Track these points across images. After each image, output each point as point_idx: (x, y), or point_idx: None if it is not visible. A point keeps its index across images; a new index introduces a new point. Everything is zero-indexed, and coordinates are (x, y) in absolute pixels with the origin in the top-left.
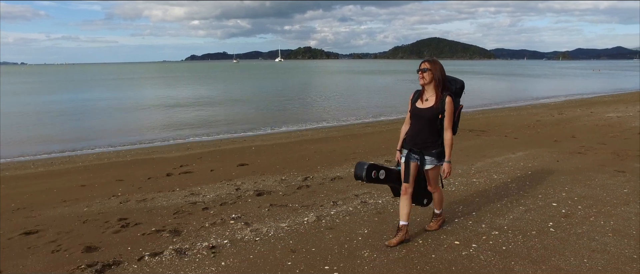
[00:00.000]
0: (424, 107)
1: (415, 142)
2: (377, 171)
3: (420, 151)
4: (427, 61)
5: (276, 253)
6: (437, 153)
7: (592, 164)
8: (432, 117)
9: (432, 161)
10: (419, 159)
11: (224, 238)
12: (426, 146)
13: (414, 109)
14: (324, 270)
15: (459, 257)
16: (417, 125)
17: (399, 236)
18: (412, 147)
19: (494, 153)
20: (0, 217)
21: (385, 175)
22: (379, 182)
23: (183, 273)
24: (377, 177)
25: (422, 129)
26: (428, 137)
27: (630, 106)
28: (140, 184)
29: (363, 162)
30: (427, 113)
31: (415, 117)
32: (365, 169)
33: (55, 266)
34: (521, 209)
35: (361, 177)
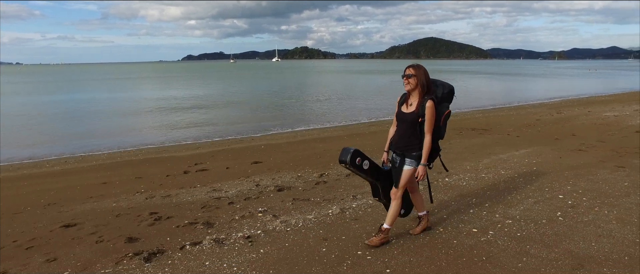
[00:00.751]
0: (407, 112)
1: (398, 145)
2: (362, 159)
3: (402, 153)
4: (411, 67)
5: (309, 241)
6: (417, 156)
7: (593, 160)
8: (413, 121)
9: (411, 163)
10: (399, 160)
11: (256, 229)
12: (407, 149)
13: (398, 112)
14: (358, 255)
15: (479, 242)
16: (400, 128)
17: (379, 237)
18: (395, 150)
19: (499, 151)
20: (34, 212)
21: (369, 166)
22: (361, 171)
23: (226, 259)
24: (361, 166)
25: (405, 133)
26: (410, 140)
27: (626, 105)
28: (160, 181)
29: (349, 147)
30: (408, 117)
31: (399, 120)
32: (350, 154)
33: (103, 255)
34: (530, 201)
35: (345, 161)
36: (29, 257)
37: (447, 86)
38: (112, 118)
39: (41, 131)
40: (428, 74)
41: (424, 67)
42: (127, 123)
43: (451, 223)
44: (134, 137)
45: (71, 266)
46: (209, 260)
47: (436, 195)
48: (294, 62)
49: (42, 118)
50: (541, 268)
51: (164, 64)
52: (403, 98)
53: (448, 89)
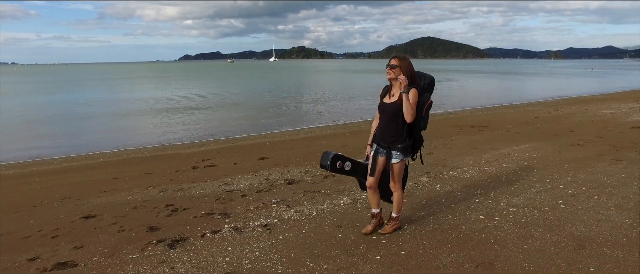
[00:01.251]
0: (388, 102)
1: (382, 137)
2: (342, 162)
3: (387, 146)
4: (396, 57)
5: (325, 228)
6: (403, 147)
7: (592, 154)
8: (395, 111)
9: (397, 155)
10: (386, 154)
11: (272, 218)
12: (392, 141)
13: (380, 104)
14: (373, 239)
15: (486, 227)
16: (383, 120)
17: (373, 223)
18: (380, 142)
19: (500, 146)
20: (52, 205)
21: (351, 167)
22: (345, 173)
23: (247, 245)
24: (342, 168)
25: (388, 124)
26: (393, 131)
27: (622, 103)
28: (170, 176)
29: (329, 152)
30: (390, 107)
31: (382, 112)
32: (330, 159)
33: (127, 242)
34: (533, 191)
35: (325, 166)
36: (56, 244)
37: (428, 76)
38: (114, 118)
39: (44, 130)
40: (412, 67)
41: (409, 60)
42: (128, 123)
43: (459, 211)
44: (136, 137)
45: (98, 252)
46: (231, 246)
47: (442, 187)
48: (292, 62)
49: (43, 118)
50: (545, 249)
51: (161, 64)
52: (385, 90)
53: (429, 79)
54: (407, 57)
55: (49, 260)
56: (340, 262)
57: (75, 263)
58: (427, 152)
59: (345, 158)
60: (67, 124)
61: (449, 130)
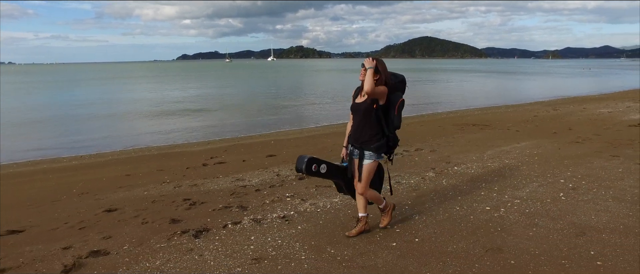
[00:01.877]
0: (360, 102)
1: (356, 138)
2: (318, 165)
3: (360, 146)
4: (370, 58)
5: (340, 218)
6: (376, 148)
7: (590, 151)
8: (367, 109)
9: (370, 156)
10: (359, 155)
11: (288, 210)
12: (366, 141)
13: (353, 104)
14: (387, 229)
15: (493, 217)
16: (356, 120)
17: (358, 227)
18: (353, 143)
19: (501, 143)
20: (71, 200)
21: (327, 169)
22: (321, 176)
23: (269, 235)
24: (318, 171)
25: (360, 124)
26: (365, 131)
27: (619, 102)
28: (182, 172)
29: (304, 155)
30: (361, 106)
31: (354, 112)
32: (305, 162)
33: (153, 233)
34: (535, 185)
35: (301, 170)
36: (85, 235)
37: (399, 75)
38: (116, 117)
39: (48, 129)
40: (386, 67)
41: (384, 62)
42: (131, 122)
43: (466, 203)
44: (141, 136)
45: (127, 242)
46: (253, 235)
47: (448, 181)
48: (290, 62)
49: (46, 117)
50: (549, 235)
51: (159, 64)
52: (357, 91)
53: (399, 78)
54: (381, 59)
55: (82, 249)
56: (359, 248)
57: (107, 252)
58: (431, 149)
59: (321, 161)
60: (69, 124)
61: (450, 128)
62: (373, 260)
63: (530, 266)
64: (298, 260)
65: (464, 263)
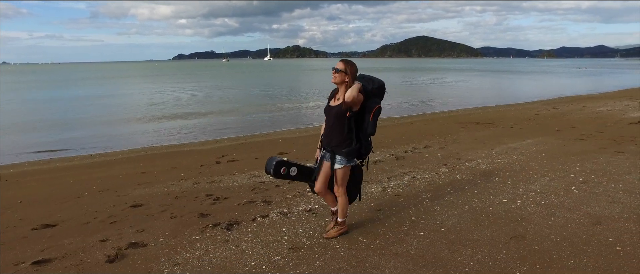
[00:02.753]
0: (333, 105)
1: (328, 141)
2: (287, 168)
3: (332, 150)
4: (341, 61)
5: (365, 212)
6: (347, 152)
7: (595, 147)
8: (339, 114)
9: (341, 161)
10: (330, 158)
11: (312, 204)
12: (337, 145)
13: (325, 106)
14: (412, 220)
15: (510, 209)
16: (328, 123)
17: (334, 220)
18: (325, 146)
19: (507, 140)
20: (93, 196)
21: (297, 172)
22: (291, 178)
23: (299, 226)
24: (288, 174)
25: (333, 127)
26: (338, 134)
27: (617, 101)
28: (197, 170)
29: (273, 157)
30: (334, 110)
31: (326, 114)
32: (273, 165)
33: (184, 227)
34: (546, 179)
35: (269, 172)
36: (118, 229)
37: (377, 81)
38: (118, 117)
39: (50, 128)
40: (357, 72)
41: (355, 65)
42: (134, 122)
43: (483, 196)
44: (144, 136)
45: (161, 234)
46: (285, 227)
47: (462, 176)
48: (287, 61)
49: (47, 116)
50: (567, 224)
51: (155, 63)
52: (332, 94)
53: (378, 84)
54: (353, 62)
55: (119, 241)
56: (389, 237)
57: (144, 243)
58: (440, 146)
59: (291, 163)
60: (71, 123)
61: (454, 127)
62: (405, 248)
63: (554, 251)
64: (333, 249)
65: (492, 249)
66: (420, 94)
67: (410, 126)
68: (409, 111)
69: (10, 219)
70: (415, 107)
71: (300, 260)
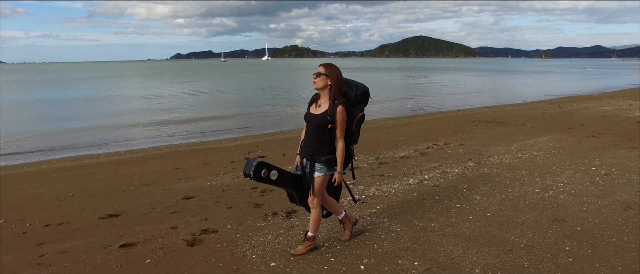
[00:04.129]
0: (314, 113)
1: (307, 149)
2: (268, 171)
3: (311, 158)
4: (323, 65)
5: (410, 200)
6: (327, 160)
7: (608, 144)
8: (320, 124)
9: (321, 169)
10: (309, 166)
11: (358, 195)
12: (316, 152)
13: (307, 113)
14: (457, 207)
15: (544, 197)
16: (309, 130)
17: (304, 244)
18: (304, 153)
19: (522, 137)
20: (139, 190)
21: (277, 176)
22: (271, 183)
23: (355, 213)
24: (268, 177)
25: (312, 135)
26: (318, 144)
27: (619, 100)
28: (229, 166)
29: (253, 159)
30: (315, 119)
31: (307, 121)
32: (253, 167)
33: (245, 216)
34: (570, 171)
35: (249, 175)
36: (182, 218)
37: (361, 86)
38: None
39: (64, 126)
40: (340, 76)
41: (337, 69)
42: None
43: (515, 186)
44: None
45: (226, 222)
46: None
47: (490, 169)
48: (285, 61)
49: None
50: (601, 210)
51: (153, 63)
52: (313, 98)
53: (361, 90)
54: (335, 65)
55: (190, 228)
56: (442, 221)
57: (214, 230)
58: (459, 143)
59: (271, 166)
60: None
61: (467, 125)
62: (460, 229)
63: (595, 231)
64: (395, 231)
65: (538, 230)
66: (424, 94)
67: (423, 125)
68: (417, 110)
69: (73, 209)
70: (423, 106)
71: (369, 241)
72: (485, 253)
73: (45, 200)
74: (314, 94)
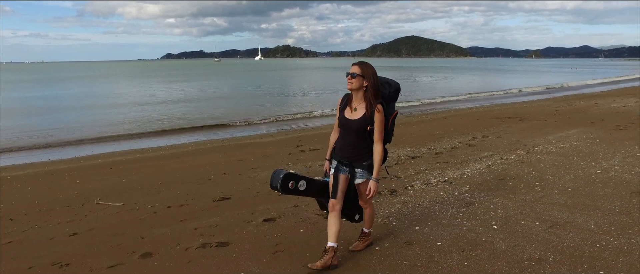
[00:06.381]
0: (352, 118)
1: (344, 154)
2: (296, 182)
3: (350, 163)
4: (358, 65)
5: (491, 180)
6: (368, 165)
7: (638, 134)
8: (360, 129)
9: (363, 174)
10: (349, 172)
11: (441, 177)
12: (356, 158)
13: (341, 118)
14: (536, 184)
15: (610, 176)
16: (345, 136)
17: (324, 259)
18: (341, 159)
19: (553, 131)
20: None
21: (306, 186)
22: (300, 194)
23: (448, 189)
24: (296, 189)
25: (350, 142)
26: (358, 149)
27: (624, 98)
28: (289, 158)
29: (279, 170)
30: (354, 125)
31: (343, 127)
32: (280, 179)
33: None
34: (619, 157)
35: (276, 187)
36: (294, 199)
37: (394, 84)
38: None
39: None
40: (376, 75)
41: (372, 67)
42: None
43: (577, 169)
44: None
45: None
46: (438, 192)
47: (542, 157)
48: (279, 61)
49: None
50: None
51: (146, 63)
52: (345, 101)
53: (394, 87)
54: (370, 64)
55: (311, 206)
56: (533, 195)
57: None
58: (496, 136)
59: (299, 177)
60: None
61: (491, 121)
62: (554, 200)
63: None
64: (500, 203)
65: (624, 200)
66: (426, 92)
67: (446, 121)
68: (424, 108)
69: (180, 195)
70: (427, 104)
71: (484, 209)
72: (589, 215)
73: (141, 187)
74: (344, 95)
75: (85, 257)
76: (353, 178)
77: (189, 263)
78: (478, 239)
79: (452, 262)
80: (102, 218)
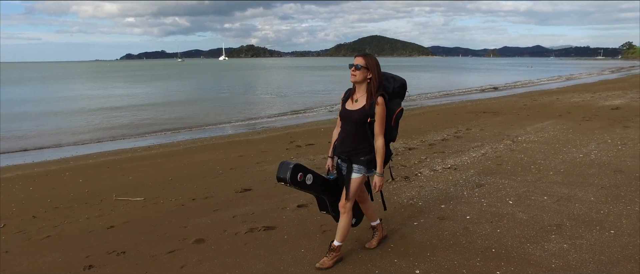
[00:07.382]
0: (352, 109)
1: (344, 148)
2: (304, 174)
3: (348, 158)
4: (361, 56)
5: (490, 166)
6: (366, 161)
7: (604, 124)
8: (360, 121)
9: (359, 170)
10: (346, 167)
11: (446, 164)
12: (355, 152)
13: (343, 110)
14: (532, 167)
15: (593, 159)
16: (345, 128)
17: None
18: (340, 154)
19: (529, 123)
20: (230, 173)
21: (312, 181)
22: (305, 188)
23: (457, 175)
24: (304, 182)
25: (350, 133)
26: (356, 142)
27: (581, 94)
28: (287, 153)
29: (288, 161)
30: (354, 115)
31: (344, 119)
32: (290, 170)
33: None
34: (594, 143)
35: (285, 179)
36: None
37: (399, 79)
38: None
39: None
40: (379, 67)
41: (376, 59)
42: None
43: (562, 154)
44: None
45: None
46: (446, 176)
47: (527, 145)
48: (244, 61)
49: None
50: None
51: (103, 63)
52: (347, 94)
53: (399, 83)
54: (373, 55)
55: (294, 202)
56: (532, 176)
57: None
58: (479, 129)
59: (307, 170)
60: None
61: (468, 115)
62: (553, 179)
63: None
64: (506, 184)
65: (610, 177)
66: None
67: (425, 116)
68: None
69: (198, 189)
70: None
71: (495, 187)
72: (586, 190)
73: (152, 184)
74: (347, 89)
75: (137, 245)
76: (349, 173)
77: (246, 244)
78: (500, 212)
79: (486, 230)
80: (131, 212)
